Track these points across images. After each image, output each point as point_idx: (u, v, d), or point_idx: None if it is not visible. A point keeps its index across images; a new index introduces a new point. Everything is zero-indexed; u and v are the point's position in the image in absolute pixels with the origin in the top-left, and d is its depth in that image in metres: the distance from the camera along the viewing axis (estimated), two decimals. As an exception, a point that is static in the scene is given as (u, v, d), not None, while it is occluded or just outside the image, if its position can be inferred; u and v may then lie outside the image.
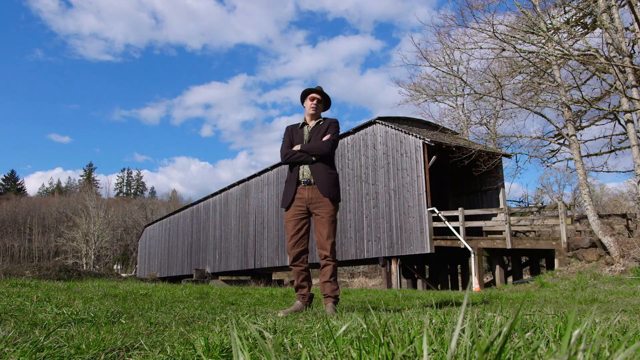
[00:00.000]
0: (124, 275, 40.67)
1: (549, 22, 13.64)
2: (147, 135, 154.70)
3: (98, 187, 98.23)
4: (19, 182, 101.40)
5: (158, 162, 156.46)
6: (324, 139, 4.28)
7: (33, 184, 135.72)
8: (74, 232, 57.72)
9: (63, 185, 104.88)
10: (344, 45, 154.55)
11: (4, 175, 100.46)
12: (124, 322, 2.46)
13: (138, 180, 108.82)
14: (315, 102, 4.41)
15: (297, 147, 4.30)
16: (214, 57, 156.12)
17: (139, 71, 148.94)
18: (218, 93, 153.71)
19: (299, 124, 4.53)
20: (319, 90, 4.46)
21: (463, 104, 23.96)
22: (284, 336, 1.46)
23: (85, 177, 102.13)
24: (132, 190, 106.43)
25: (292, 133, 4.45)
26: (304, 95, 4.53)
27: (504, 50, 13.13)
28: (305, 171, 4.25)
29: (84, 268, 47.55)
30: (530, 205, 20.37)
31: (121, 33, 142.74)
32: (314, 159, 4.23)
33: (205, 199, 32.60)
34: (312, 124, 4.44)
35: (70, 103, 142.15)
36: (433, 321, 1.26)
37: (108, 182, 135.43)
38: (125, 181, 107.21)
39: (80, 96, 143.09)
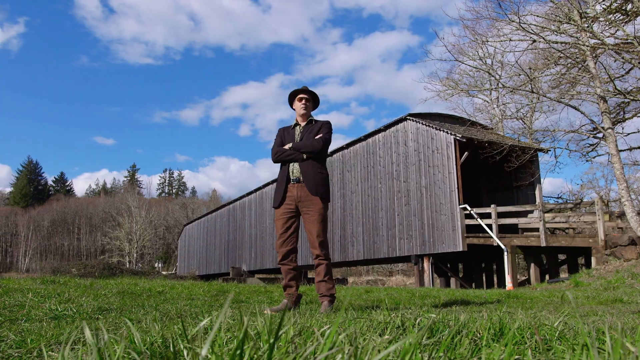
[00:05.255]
0: (164, 273, 41.82)
1: (583, 11, 13.11)
2: (187, 136, 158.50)
3: (141, 187, 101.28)
4: (67, 183, 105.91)
5: (198, 162, 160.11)
6: (316, 137, 4.25)
7: (81, 185, 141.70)
8: (117, 231, 59.82)
9: (108, 186, 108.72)
10: (380, 41, 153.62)
11: (54, 177, 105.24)
12: (101, 317, 2.55)
13: (179, 180, 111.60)
14: (304, 101, 4.40)
15: (288, 146, 4.28)
16: (250, 57, 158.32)
17: (179, 73, 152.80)
18: (255, 93, 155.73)
19: (291, 125, 4.52)
20: (306, 90, 4.45)
21: (498, 98, 23.35)
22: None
23: (129, 178, 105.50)
24: (174, 190, 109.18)
25: (284, 133, 4.45)
26: (292, 98, 4.53)
27: (534, 42, 12.70)
28: (295, 169, 4.21)
29: (127, 266, 49.18)
30: (567, 202, 19.65)
31: (161, 36, 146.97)
32: (304, 156, 4.19)
33: (241, 198, 33.06)
34: (303, 124, 4.42)
35: (113, 106, 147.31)
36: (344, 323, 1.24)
37: (149, 182, 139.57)
38: (167, 181, 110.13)
39: (122, 99, 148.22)
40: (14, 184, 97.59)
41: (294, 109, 4.52)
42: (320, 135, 4.26)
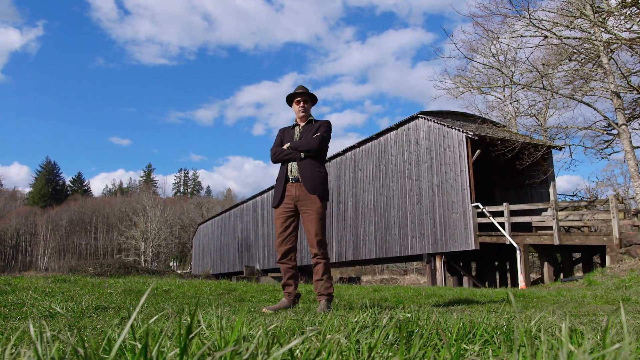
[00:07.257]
0: (179, 272, 42.17)
1: (596, 5, 12.89)
2: (202, 136, 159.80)
3: (156, 187, 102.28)
4: (85, 183, 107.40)
5: (213, 161, 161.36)
6: (314, 136, 4.26)
7: (98, 185, 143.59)
8: (133, 230, 60.55)
9: (124, 186, 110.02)
10: (393, 39, 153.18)
11: (72, 178, 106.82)
12: (94, 316, 2.60)
13: (194, 179, 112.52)
14: (301, 103, 4.42)
15: (286, 145, 4.30)
16: (264, 57, 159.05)
17: (193, 73, 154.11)
18: (269, 92, 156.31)
19: (291, 125, 4.55)
20: (302, 92, 4.47)
21: (511, 96, 23.10)
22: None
23: (144, 178, 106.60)
24: (189, 190, 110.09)
25: (284, 133, 4.47)
26: (290, 100, 4.55)
27: (546, 37, 12.53)
28: (293, 168, 4.23)
29: (143, 265, 49.73)
30: (583, 199, 19.35)
31: (175, 36, 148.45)
32: (302, 155, 4.20)
33: (254, 197, 33.20)
34: (303, 124, 4.44)
35: (129, 106, 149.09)
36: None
37: (165, 182, 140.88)
38: (182, 181, 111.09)
39: (137, 99, 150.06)
40: (33, 184, 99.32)
41: (294, 110, 4.55)
42: (318, 133, 4.27)
